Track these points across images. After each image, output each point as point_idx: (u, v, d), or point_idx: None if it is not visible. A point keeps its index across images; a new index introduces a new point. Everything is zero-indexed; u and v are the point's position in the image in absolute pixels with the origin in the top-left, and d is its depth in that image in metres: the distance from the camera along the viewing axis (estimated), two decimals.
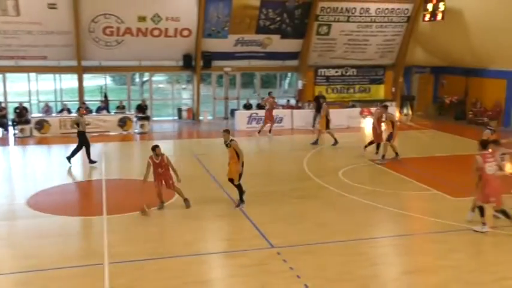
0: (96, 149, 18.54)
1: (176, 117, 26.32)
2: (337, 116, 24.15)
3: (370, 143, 17.44)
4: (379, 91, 27.82)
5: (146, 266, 8.78)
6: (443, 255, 9.34)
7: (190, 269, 8.71)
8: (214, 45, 24.70)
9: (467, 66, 25.46)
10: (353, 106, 25.89)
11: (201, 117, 25.90)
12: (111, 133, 21.93)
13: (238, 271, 8.72)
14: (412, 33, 26.58)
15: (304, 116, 23.92)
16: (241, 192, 11.97)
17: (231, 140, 11.91)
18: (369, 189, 13.46)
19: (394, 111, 23.96)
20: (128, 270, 8.64)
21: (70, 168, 16.04)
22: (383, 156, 16.58)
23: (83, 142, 16.30)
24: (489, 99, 24.54)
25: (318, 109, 22.92)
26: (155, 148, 11.72)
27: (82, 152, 16.45)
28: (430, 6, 24.57)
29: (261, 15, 24.39)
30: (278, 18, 24.75)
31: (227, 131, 12.12)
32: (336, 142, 19.30)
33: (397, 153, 16.74)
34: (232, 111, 25.48)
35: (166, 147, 18.77)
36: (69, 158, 16.23)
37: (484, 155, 10.33)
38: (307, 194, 13.14)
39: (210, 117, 26.37)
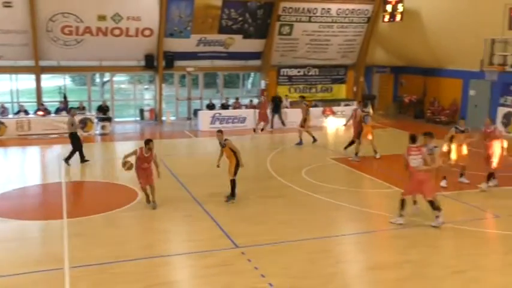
0: (56, 151, 18.16)
1: (138, 118, 25.99)
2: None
3: (351, 143, 17.55)
4: (341, 90, 28.20)
5: (108, 270, 8.63)
6: (403, 250, 9.56)
7: (154, 271, 8.62)
8: (176, 45, 24.51)
9: (425, 66, 26.11)
10: (315, 106, 26.14)
11: (163, 118, 25.66)
12: None
13: (203, 272, 8.67)
14: (372, 33, 27.06)
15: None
16: (233, 187, 12.21)
17: (225, 140, 12.21)
18: (331, 187, 13.62)
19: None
20: (89, 274, 8.47)
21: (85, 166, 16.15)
22: (356, 153, 16.94)
23: (75, 143, 16.25)
24: (446, 98, 25.21)
25: (275, 109, 23.33)
26: (149, 142, 11.85)
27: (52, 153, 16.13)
28: (389, 8, 25.04)
29: (223, 15, 24.35)
30: (240, 18, 24.77)
31: (221, 132, 12.43)
32: (300, 142, 19.51)
33: (356, 153, 17.02)
34: (196, 112, 25.36)
35: (129, 149, 18.53)
36: (83, 159, 16.34)
37: (408, 148, 10.71)
38: (270, 194, 13.19)
39: (172, 118, 26.16)
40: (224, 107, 25.10)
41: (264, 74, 27.02)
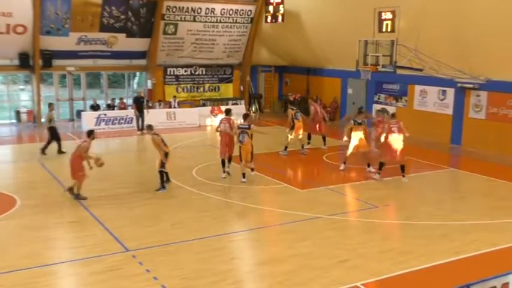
0: None
1: (14, 121, 24.22)
2: (189, 115, 24.46)
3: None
4: (229, 90, 28.53)
5: None
6: (292, 244, 9.91)
7: (36, 282, 8.08)
8: (54, 43, 23.17)
9: (308, 65, 27.30)
10: (204, 105, 26.26)
11: (43, 120, 24.18)
12: None
13: (91, 278, 8.32)
14: (256, 34, 27.67)
15: (156, 115, 23.59)
16: (162, 178, 13.12)
17: (153, 134, 13.24)
18: (222, 185, 13.74)
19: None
20: None
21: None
22: (285, 147, 17.98)
23: (54, 136, 17.30)
24: (327, 97, 26.55)
25: (138, 110, 22.56)
26: (93, 132, 12.89)
27: None
28: (271, 9, 25.76)
29: (104, 12, 23.46)
30: (123, 17, 24.04)
31: (149, 127, 13.70)
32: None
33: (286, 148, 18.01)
34: (79, 113, 24.20)
35: (4, 153, 17.24)
36: (43, 150, 17.15)
37: (222, 119, 14.44)
38: (161, 194, 13.01)
39: None
40: (109, 107, 24.24)
41: (150, 74, 26.51)
